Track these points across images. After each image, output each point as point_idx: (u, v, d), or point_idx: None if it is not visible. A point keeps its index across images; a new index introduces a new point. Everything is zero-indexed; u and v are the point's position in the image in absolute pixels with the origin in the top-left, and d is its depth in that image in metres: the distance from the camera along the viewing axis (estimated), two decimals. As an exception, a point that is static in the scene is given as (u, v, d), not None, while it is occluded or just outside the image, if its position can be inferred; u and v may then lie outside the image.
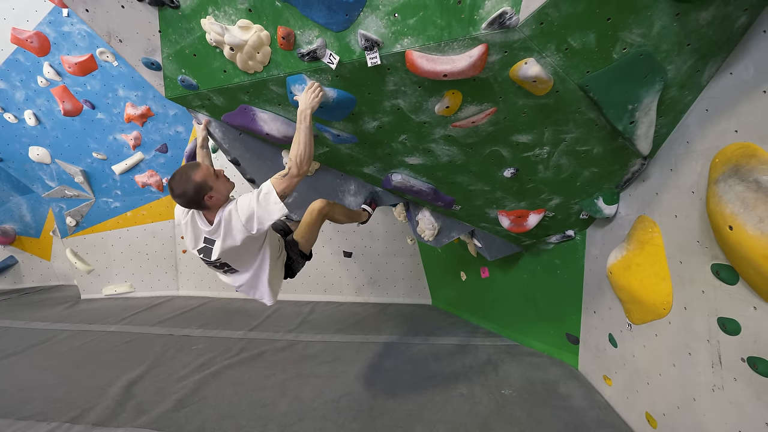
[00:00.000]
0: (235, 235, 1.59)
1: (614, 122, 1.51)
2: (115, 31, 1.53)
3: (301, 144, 1.54)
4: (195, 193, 1.54)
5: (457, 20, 1.22)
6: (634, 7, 1.16)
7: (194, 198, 1.55)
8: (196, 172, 1.56)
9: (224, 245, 1.61)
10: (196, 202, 1.57)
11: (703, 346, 1.63)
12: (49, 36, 3.74)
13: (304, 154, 1.54)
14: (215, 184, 1.58)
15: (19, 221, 5.44)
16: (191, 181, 1.53)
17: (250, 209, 1.55)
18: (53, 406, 2.36)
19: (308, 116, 1.51)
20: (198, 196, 1.55)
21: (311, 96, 1.50)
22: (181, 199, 1.56)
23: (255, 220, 1.55)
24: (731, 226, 1.22)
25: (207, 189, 1.56)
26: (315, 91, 1.51)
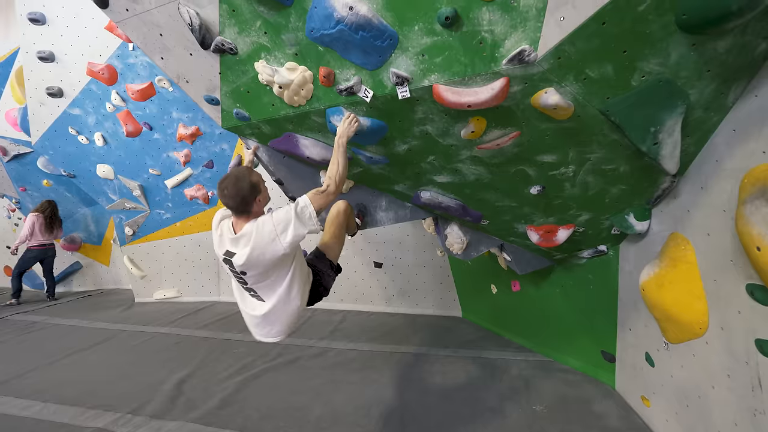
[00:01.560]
0: (265, 246, 1.55)
1: (638, 144, 1.55)
2: (183, 74, 1.80)
3: (339, 165, 1.69)
4: (249, 192, 1.57)
5: (480, 58, 1.35)
6: (648, 40, 1.23)
7: (248, 197, 1.57)
8: (252, 173, 1.63)
9: (250, 256, 1.56)
10: (247, 203, 1.58)
11: (742, 368, 1.59)
12: (117, 67, 4.24)
13: (340, 173, 1.69)
14: (263, 190, 1.66)
15: (85, 230, 6.08)
16: (247, 180, 1.58)
17: (287, 218, 1.56)
18: (116, 398, 2.66)
19: (344, 143, 1.70)
20: (251, 196, 1.58)
21: (348, 126, 1.69)
22: (234, 199, 1.57)
23: (290, 231, 1.54)
24: (759, 247, 1.23)
25: (258, 192, 1.61)
26: (351, 121, 1.69)
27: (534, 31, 1.26)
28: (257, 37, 1.59)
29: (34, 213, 5.21)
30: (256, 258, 1.57)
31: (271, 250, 1.56)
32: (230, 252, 1.62)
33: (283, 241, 1.55)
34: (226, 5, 1.53)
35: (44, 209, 5.27)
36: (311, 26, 1.48)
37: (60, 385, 2.84)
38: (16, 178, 5.47)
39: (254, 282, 1.67)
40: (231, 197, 1.57)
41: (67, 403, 2.58)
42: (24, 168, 5.38)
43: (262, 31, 1.57)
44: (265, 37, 1.59)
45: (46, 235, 5.24)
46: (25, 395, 2.68)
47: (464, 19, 1.30)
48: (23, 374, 3.02)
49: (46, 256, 5.35)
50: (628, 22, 1.19)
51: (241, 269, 1.61)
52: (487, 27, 1.29)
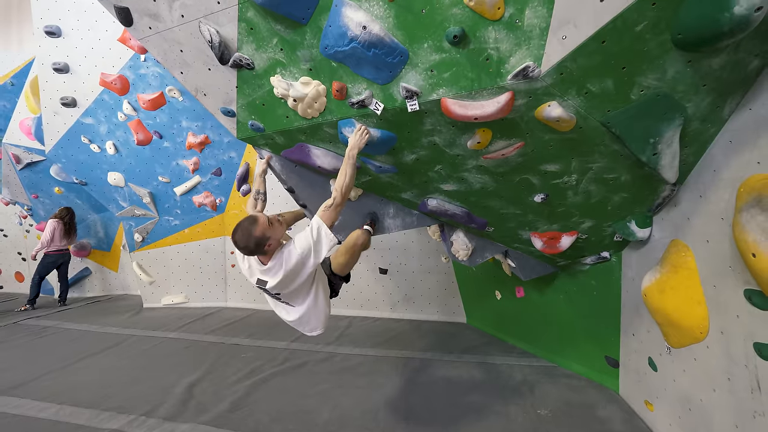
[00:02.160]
0: (295, 272, 1.82)
1: (638, 154, 1.62)
2: (201, 87, 1.89)
3: (347, 176, 1.82)
4: (256, 246, 1.79)
5: (486, 73, 1.42)
6: (646, 57, 1.30)
7: (256, 249, 1.80)
8: (256, 228, 1.79)
9: (281, 282, 1.83)
10: (258, 250, 1.82)
11: (741, 372, 1.63)
12: (129, 78, 4.36)
13: (347, 185, 1.83)
14: (272, 233, 1.82)
15: (94, 236, 6.19)
16: (252, 237, 1.77)
17: (307, 244, 1.79)
18: (129, 401, 2.71)
19: (354, 155, 1.80)
20: (259, 248, 1.80)
21: (359, 138, 1.79)
22: (246, 249, 1.81)
23: (313, 256, 1.80)
24: (754, 253, 1.29)
25: (266, 240, 1.80)
26: (362, 133, 1.79)
27: (537, 49, 1.33)
28: (274, 53, 1.68)
29: (54, 219, 5.34)
30: (287, 283, 1.86)
31: (300, 273, 1.85)
32: (263, 281, 1.89)
33: (308, 265, 1.82)
34: (245, 24, 1.62)
35: (63, 216, 5.41)
36: (325, 43, 1.56)
37: (74, 387, 2.91)
38: (28, 186, 5.59)
39: (286, 297, 1.98)
40: (243, 248, 1.81)
41: (82, 405, 2.64)
42: (36, 176, 5.50)
43: (279, 48, 1.66)
44: (281, 54, 1.67)
45: (63, 240, 5.37)
46: (42, 397, 2.74)
47: (471, 37, 1.38)
48: (39, 377, 3.08)
49: (63, 260, 5.49)
50: (626, 41, 1.27)
51: (275, 291, 1.92)
52: (493, 45, 1.37)
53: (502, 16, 1.30)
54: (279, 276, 1.82)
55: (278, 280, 1.83)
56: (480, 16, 1.32)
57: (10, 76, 5.36)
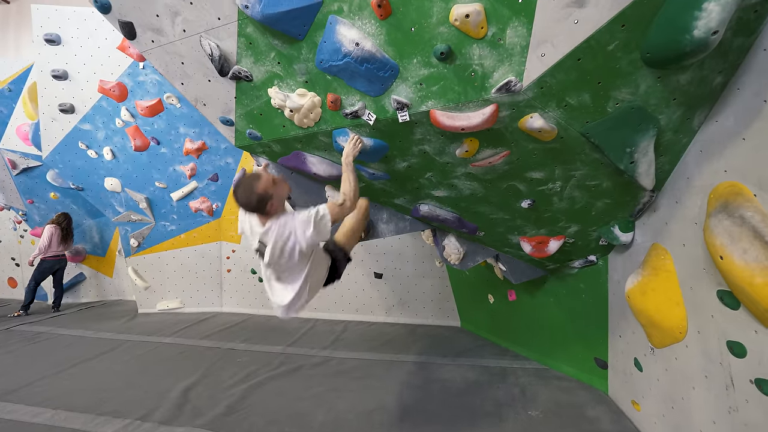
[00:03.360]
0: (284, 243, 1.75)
1: (616, 162, 1.71)
2: (201, 98, 1.97)
3: (351, 183, 1.85)
4: (258, 203, 1.74)
5: (472, 87, 1.51)
6: (619, 73, 1.40)
7: (257, 207, 1.76)
8: (259, 183, 1.75)
9: (274, 250, 1.77)
10: (259, 209, 1.77)
11: (717, 369, 1.71)
12: (128, 85, 4.43)
13: (354, 190, 1.86)
14: (275, 191, 1.78)
15: (90, 242, 6.18)
16: (255, 193, 1.73)
17: (307, 224, 1.76)
18: (124, 405, 2.73)
19: (351, 162, 1.86)
20: (261, 205, 1.75)
21: (353, 146, 1.85)
22: (247, 206, 1.77)
23: (308, 235, 1.75)
24: (722, 256, 1.38)
25: (268, 198, 1.75)
26: (356, 142, 1.86)
27: (519, 65, 1.43)
28: (271, 66, 1.77)
29: (51, 225, 5.31)
30: (279, 250, 1.78)
31: (290, 247, 1.78)
32: (263, 243, 1.82)
33: (301, 242, 1.77)
34: (244, 38, 1.71)
35: (60, 221, 5.38)
36: (321, 58, 1.65)
37: (69, 393, 2.92)
38: (24, 191, 5.60)
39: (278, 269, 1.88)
40: (244, 205, 1.78)
41: (77, 410, 2.65)
42: (32, 181, 5.52)
43: (276, 61, 1.74)
44: (279, 67, 1.76)
45: (60, 246, 5.36)
46: (36, 403, 2.75)
47: (457, 54, 1.47)
48: (32, 383, 3.09)
49: (60, 266, 5.47)
50: (600, 59, 1.36)
51: (268, 261, 1.83)
52: (478, 61, 1.46)
53: (485, 35, 1.40)
54: (272, 242, 1.77)
55: (271, 245, 1.78)
56: (465, 35, 1.42)
57: (7, 83, 5.40)
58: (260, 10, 1.52)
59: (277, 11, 1.52)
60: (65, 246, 5.43)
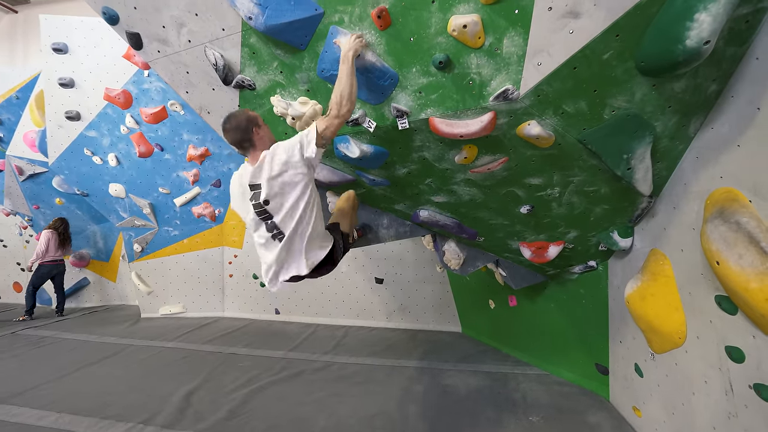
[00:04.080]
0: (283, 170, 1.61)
1: (614, 169, 1.73)
2: (206, 106, 2.01)
3: (342, 84, 1.53)
4: (247, 123, 1.66)
5: (470, 95, 1.54)
6: (615, 82, 1.43)
7: (246, 128, 1.66)
8: (249, 111, 1.74)
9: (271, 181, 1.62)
10: (246, 136, 1.67)
11: (716, 374, 1.72)
12: (132, 93, 4.50)
13: (344, 93, 1.53)
14: (263, 125, 1.73)
15: (93, 247, 6.24)
16: (245, 114, 1.70)
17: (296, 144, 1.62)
18: (127, 409, 2.74)
19: (350, 58, 1.51)
20: (249, 127, 1.67)
21: (354, 40, 1.53)
22: (233, 132, 1.67)
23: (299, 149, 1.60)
24: (718, 261, 1.39)
25: (255, 123, 1.69)
26: (359, 38, 1.55)
27: (516, 74, 1.46)
28: (274, 75, 1.81)
29: (48, 230, 5.39)
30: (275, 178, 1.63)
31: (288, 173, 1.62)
32: (255, 184, 1.67)
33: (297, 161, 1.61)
34: (248, 49, 1.75)
35: (57, 226, 5.46)
36: (322, 67, 1.69)
37: (73, 396, 2.94)
38: (30, 197, 5.67)
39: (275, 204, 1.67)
40: (232, 130, 1.68)
41: (80, 413, 2.67)
42: (38, 187, 5.59)
43: (279, 71, 1.78)
44: (281, 76, 1.80)
45: (59, 251, 5.42)
46: (41, 406, 2.77)
47: (455, 63, 1.50)
48: (37, 386, 3.11)
49: (58, 271, 5.52)
50: (595, 67, 1.39)
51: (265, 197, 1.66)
52: (476, 70, 1.49)
53: (482, 44, 1.43)
54: (267, 171, 1.63)
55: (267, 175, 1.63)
56: (463, 45, 1.45)
57: (15, 90, 5.50)
58: (263, 21, 1.56)
59: (280, 22, 1.56)
60: (63, 251, 5.49)
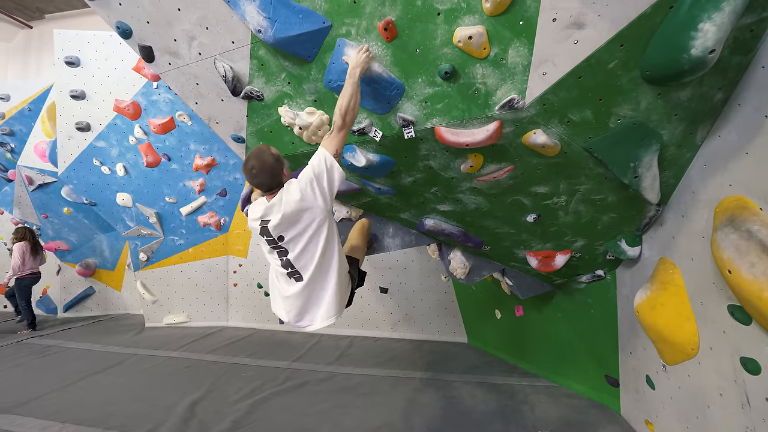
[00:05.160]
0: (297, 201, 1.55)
1: (620, 177, 1.73)
2: (214, 116, 2.04)
3: (346, 96, 1.53)
4: (275, 163, 1.58)
5: (475, 104, 1.56)
6: (620, 90, 1.43)
7: (275, 168, 1.58)
8: (269, 149, 1.62)
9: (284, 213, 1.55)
10: (275, 175, 1.59)
11: (731, 387, 1.67)
12: (141, 104, 4.59)
13: (348, 105, 1.54)
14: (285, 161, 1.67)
15: (100, 256, 6.28)
16: (269, 153, 1.60)
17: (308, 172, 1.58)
18: (132, 419, 2.72)
19: (357, 75, 1.54)
20: (278, 168, 1.59)
21: (362, 56, 1.55)
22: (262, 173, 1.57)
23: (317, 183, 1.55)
24: (730, 270, 1.37)
25: (282, 162, 1.63)
26: (366, 53, 1.56)
27: (521, 83, 1.47)
28: (282, 86, 1.84)
29: (20, 242, 5.19)
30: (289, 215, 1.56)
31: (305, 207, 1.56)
32: (265, 220, 1.62)
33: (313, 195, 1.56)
34: (256, 60, 1.78)
35: (26, 236, 5.28)
36: (329, 78, 1.72)
37: (76, 406, 2.92)
38: (39, 206, 5.74)
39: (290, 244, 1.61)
40: (259, 173, 1.57)
41: (84, 423, 2.65)
42: (48, 196, 5.67)
43: (287, 82, 1.82)
44: (289, 87, 1.83)
45: (36, 260, 5.28)
46: (45, 416, 2.76)
47: (461, 73, 1.52)
48: (42, 396, 3.10)
49: (36, 282, 5.37)
50: (600, 77, 1.40)
51: (278, 233, 1.60)
52: (481, 80, 1.51)
53: (488, 55, 1.45)
54: (280, 210, 1.57)
55: (281, 214, 1.56)
56: (468, 55, 1.47)
57: (27, 102, 5.63)
58: (272, 34, 1.60)
59: (289, 35, 1.59)
60: (37, 260, 5.32)
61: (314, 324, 1.74)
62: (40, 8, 7.97)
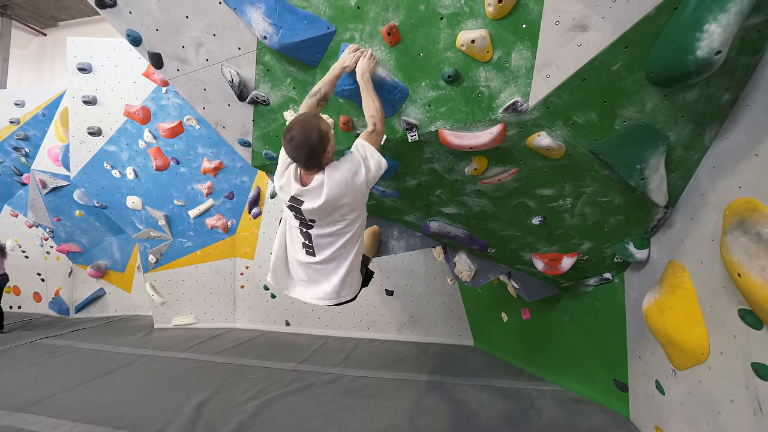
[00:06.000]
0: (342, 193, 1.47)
1: (627, 179, 1.71)
2: (221, 121, 2.08)
3: (376, 101, 1.53)
4: (319, 143, 1.40)
5: (479, 107, 1.56)
6: (625, 92, 1.42)
7: (317, 149, 1.41)
8: (319, 121, 1.44)
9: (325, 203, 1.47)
10: (317, 155, 1.43)
11: (743, 393, 1.64)
12: (151, 108, 4.67)
13: (378, 107, 1.54)
14: (332, 137, 1.50)
15: (110, 258, 6.39)
16: (316, 129, 1.40)
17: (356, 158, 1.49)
18: (141, 419, 2.76)
19: (368, 79, 1.55)
20: (321, 148, 1.41)
21: (367, 62, 1.55)
22: (303, 149, 1.40)
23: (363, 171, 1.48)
24: (739, 273, 1.35)
25: (328, 141, 1.44)
26: (370, 57, 1.56)
27: (525, 86, 1.47)
28: (287, 91, 1.86)
29: None
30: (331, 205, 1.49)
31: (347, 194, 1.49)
32: (298, 200, 1.52)
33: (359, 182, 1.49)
34: (262, 66, 1.81)
35: None
36: (333, 82, 1.73)
37: (87, 405, 2.98)
38: (52, 209, 5.87)
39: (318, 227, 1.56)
40: (299, 147, 1.41)
41: (95, 423, 2.70)
42: (60, 200, 5.79)
43: (292, 86, 1.84)
44: (294, 91, 1.85)
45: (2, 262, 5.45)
46: (57, 415, 2.81)
47: (464, 76, 1.53)
48: (54, 395, 3.16)
49: (5, 283, 5.53)
50: (605, 79, 1.39)
51: (311, 217, 1.53)
52: (484, 83, 1.51)
53: (491, 58, 1.45)
54: (321, 198, 1.46)
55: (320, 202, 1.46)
56: (471, 59, 1.47)
57: (41, 108, 5.77)
58: (278, 40, 1.62)
59: (294, 41, 1.62)
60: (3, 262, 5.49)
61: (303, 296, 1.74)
62: (54, 16, 8.18)
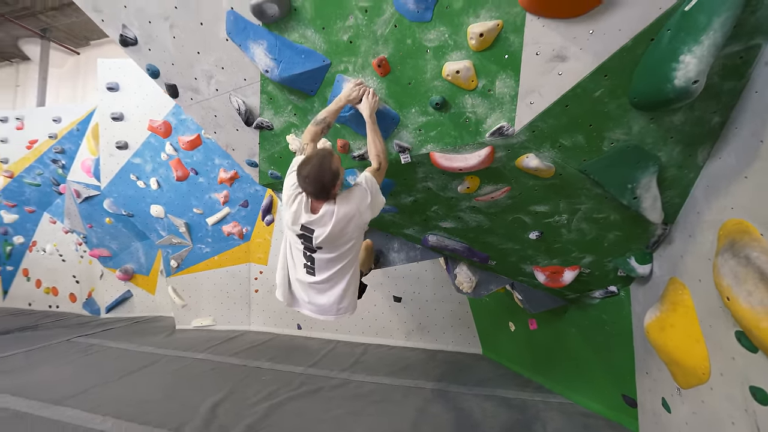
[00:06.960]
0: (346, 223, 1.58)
1: (619, 198, 1.72)
2: (231, 144, 2.23)
3: (380, 141, 1.66)
4: (331, 180, 1.53)
5: (467, 132, 1.62)
6: (609, 117, 1.45)
7: (328, 185, 1.54)
8: (333, 160, 1.54)
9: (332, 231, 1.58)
10: (326, 190, 1.56)
11: (742, 416, 1.62)
12: (172, 123, 4.94)
13: (383, 149, 1.68)
14: (342, 173, 1.62)
15: (136, 262, 6.76)
16: (329, 168, 1.52)
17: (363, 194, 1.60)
18: (162, 417, 2.94)
19: (375, 118, 1.68)
20: (331, 184, 1.54)
21: (372, 102, 1.66)
22: (314, 185, 1.53)
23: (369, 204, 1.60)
24: (728, 297, 1.34)
25: (338, 178, 1.56)
26: (374, 97, 1.67)
27: (510, 112, 1.52)
28: (289, 117, 1.98)
29: None
30: (337, 234, 1.60)
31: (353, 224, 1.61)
32: (308, 228, 1.62)
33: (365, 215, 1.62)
34: (266, 95, 1.94)
35: None
36: (330, 108, 1.83)
37: (116, 401, 3.21)
38: (85, 217, 6.28)
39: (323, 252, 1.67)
40: (312, 183, 1.53)
41: (122, 418, 2.92)
42: (92, 208, 6.19)
43: (293, 113, 1.95)
44: (295, 117, 1.97)
45: None
46: (89, 409, 3.05)
47: (451, 103, 1.59)
48: (87, 390, 3.42)
49: None
50: (588, 105, 1.42)
51: (318, 244, 1.64)
52: (471, 109, 1.57)
53: (476, 86, 1.51)
54: (329, 226, 1.57)
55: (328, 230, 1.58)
56: (457, 87, 1.54)
57: (75, 124, 6.20)
58: (278, 73, 1.74)
59: (293, 73, 1.73)
60: None
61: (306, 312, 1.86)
62: (86, 36, 8.74)
